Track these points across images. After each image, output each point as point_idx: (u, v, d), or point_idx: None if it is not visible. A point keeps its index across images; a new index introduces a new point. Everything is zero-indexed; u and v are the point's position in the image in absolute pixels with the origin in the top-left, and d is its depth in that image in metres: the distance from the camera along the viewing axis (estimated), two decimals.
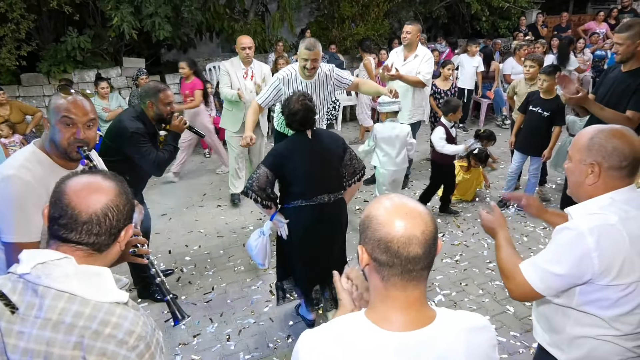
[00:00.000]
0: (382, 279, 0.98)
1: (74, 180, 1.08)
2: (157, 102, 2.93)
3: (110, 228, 1.06)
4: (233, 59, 4.62)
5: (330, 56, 8.02)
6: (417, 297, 0.98)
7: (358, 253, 1.03)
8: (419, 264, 0.95)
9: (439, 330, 0.96)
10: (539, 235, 4.08)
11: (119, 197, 1.08)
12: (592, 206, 1.44)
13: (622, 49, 2.91)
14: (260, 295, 3.34)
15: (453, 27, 10.92)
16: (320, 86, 3.61)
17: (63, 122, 1.69)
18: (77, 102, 1.72)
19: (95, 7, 6.81)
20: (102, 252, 1.08)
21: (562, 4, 12.02)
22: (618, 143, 1.42)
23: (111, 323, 0.99)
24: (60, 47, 6.50)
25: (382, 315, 0.98)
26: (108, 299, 1.02)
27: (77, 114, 1.70)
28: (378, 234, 0.95)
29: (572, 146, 1.53)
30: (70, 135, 1.69)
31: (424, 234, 0.94)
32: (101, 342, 0.98)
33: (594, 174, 1.44)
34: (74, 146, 1.71)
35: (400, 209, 0.97)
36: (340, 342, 0.96)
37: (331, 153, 2.73)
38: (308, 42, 3.38)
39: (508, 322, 2.98)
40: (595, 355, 1.49)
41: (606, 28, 9.15)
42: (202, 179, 5.63)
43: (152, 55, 8.10)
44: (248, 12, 8.27)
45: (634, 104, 2.92)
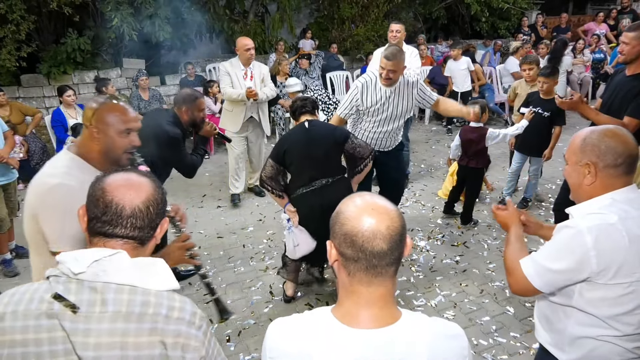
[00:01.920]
0: (349, 274, 0.99)
1: (112, 177, 1.11)
2: (194, 108, 3.07)
3: (152, 221, 1.11)
4: (232, 60, 4.62)
5: (330, 57, 8.03)
6: (382, 294, 0.99)
7: (327, 248, 1.04)
8: (384, 259, 0.96)
9: (401, 331, 0.97)
10: None
11: (157, 191, 1.13)
12: (593, 206, 1.45)
13: (628, 49, 2.86)
14: (260, 296, 3.34)
15: (453, 28, 10.94)
16: (400, 96, 3.43)
17: (123, 133, 1.68)
18: (130, 111, 1.73)
19: (95, 8, 6.81)
20: (144, 245, 1.13)
21: (562, 5, 12.03)
22: (610, 141, 1.44)
23: (176, 307, 1.05)
24: (60, 48, 6.51)
25: (346, 310, 0.99)
26: (165, 287, 1.07)
27: (134, 124, 1.72)
28: (344, 228, 0.97)
29: (567, 149, 1.55)
30: (128, 143, 1.70)
31: (389, 229, 0.95)
32: (174, 324, 1.03)
33: (591, 174, 1.46)
34: (127, 154, 1.73)
35: (368, 205, 0.99)
36: (305, 336, 0.99)
37: (327, 140, 2.94)
38: (389, 51, 3.21)
39: (508, 323, 2.98)
40: (596, 356, 1.49)
41: (606, 29, 9.16)
42: (202, 180, 5.62)
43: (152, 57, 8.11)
44: (248, 13, 8.28)
45: (631, 110, 2.87)
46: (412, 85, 3.44)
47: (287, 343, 1.00)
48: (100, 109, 1.65)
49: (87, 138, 1.68)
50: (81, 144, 1.71)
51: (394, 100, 3.41)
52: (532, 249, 3.74)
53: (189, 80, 7.01)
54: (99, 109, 1.65)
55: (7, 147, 3.80)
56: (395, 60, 3.18)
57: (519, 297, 3.22)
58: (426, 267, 3.64)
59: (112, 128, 1.65)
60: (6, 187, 3.85)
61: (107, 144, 1.66)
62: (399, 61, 3.20)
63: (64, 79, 6.70)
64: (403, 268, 3.65)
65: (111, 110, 1.66)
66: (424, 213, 4.60)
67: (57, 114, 5.41)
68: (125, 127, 1.67)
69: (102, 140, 1.66)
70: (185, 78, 7.11)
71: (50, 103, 6.77)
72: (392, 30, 4.81)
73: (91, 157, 1.68)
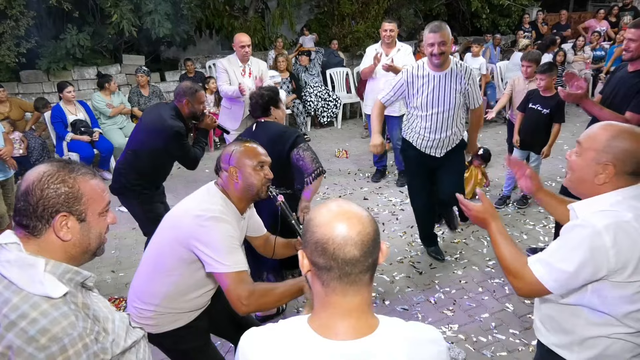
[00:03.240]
0: (322, 284, 0.96)
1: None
2: (194, 101, 3.07)
3: (34, 210, 1.08)
4: (230, 57, 4.59)
5: (330, 54, 8.02)
6: (357, 304, 0.96)
7: (299, 258, 1.01)
8: (357, 267, 0.93)
9: (378, 340, 0.94)
10: (539, 233, 4.09)
11: (39, 181, 1.09)
12: (602, 203, 1.40)
13: (635, 45, 2.82)
14: None
15: (453, 24, 10.89)
16: (450, 84, 3.08)
17: (258, 167, 1.83)
18: (261, 148, 1.89)
19: (95, 4, 6.79)
20: (36, 236, 1.10)
21: (563, 2, 11.99)
22: (634, 146, 1.37)
23: (29, 317, 0.99)
24: (59, 44, 6.49)
25: (322, 322, 0.96)
26: (38, 292, 1.03)
27: (264, 158, 1.88)
28: (315, 236, 0.94)
29: (586, 140, 1.45)
30: (264, 176, 1.84)
31: (360, 234, 0.93)
32: (12, 334, 0.98)
33: (607, 175, 1.40)
34: (265, 186, 1.87)
35: (338, 211, 0.96)
36: (280, 347, 0.96)
37: (269, 150, 2.46)
38: (433, 24, 2.97)
39: (507, 320, 2.99)
40: (608, 354, 1.46)
41: (606, 26, 9.13)
42: (201, 176, 5.62)
43: (152, 53, 8.08)
44: (248, 10, 8.26)
45: (634, 105, 2.85)
46: (464, 72, 3.06)
47: (262, 352, 0.97)
48: (234, 151, 1.84)
49: (227, 181, 1.85)
50: (224, 184, 1.87)
51: (443, 87, 3.06)
52: (531, 245, 3.78)
53: (189, 77, 6.99)
54: (235, 150, 1.84)
55: (10, 145, 3.85)
56: (442, 31, 2.88)
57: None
58: (426, 264, 3.64)
59: (249, 164, 1.82)
60: (4, 184, 3.85)
61: (248, 178, 1.82)
62: (445, 33, 2.89)
63: (64, 75, 6.69)
64: (402, 265, 3.66)
65: (242, 149, 1.85)
66: None
67: (56, 110, 5.40)
68: (258, 161, 1.84)
69: (244, 177, 1.82)
70: (185, 74, 7.10)
71: (50, 99, 6.74)
72: (385, 29, 4.77)
73: (238, 194, 1.85)
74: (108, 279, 3.57)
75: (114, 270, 3.68)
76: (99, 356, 1.08)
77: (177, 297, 1.80)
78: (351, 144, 6.70)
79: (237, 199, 1.83)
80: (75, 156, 5.30)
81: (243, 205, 1.87)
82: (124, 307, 3.23)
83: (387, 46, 4.81)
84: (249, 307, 1.64)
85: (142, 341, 1.30)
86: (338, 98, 7.39)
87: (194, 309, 1.89)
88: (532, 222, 4.26)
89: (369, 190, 5.09)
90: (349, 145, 6.64)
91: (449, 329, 2.93)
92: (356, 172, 5.65)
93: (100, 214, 1.18)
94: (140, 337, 1.28)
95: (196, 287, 1.83)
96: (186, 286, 1.80)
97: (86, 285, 1.17)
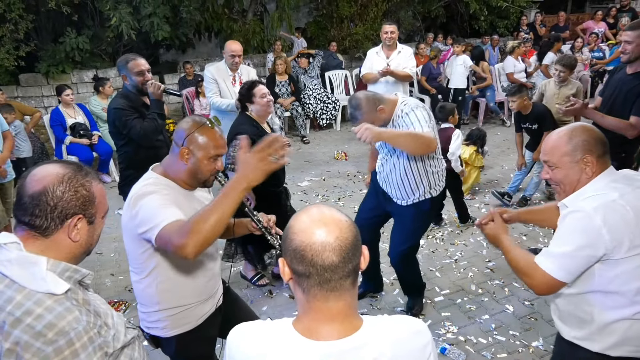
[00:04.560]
0: (303, 291, 0.96)
1: (32, 168, 1.17)
2: (128, 72, 2.92)
3: (49, 211, 1.09)
4: (218, 64, 4.30)
5: (329, 56, 8.03)
6: (340, 309, 0.95)
7: (279, 266, 1.01)
8: (337, 273, 0.92)
9: (363, 337, 0.95)
10: (538, 234, 4.09)
11: (61, 183, 1.11)
12: (587, 190, 1.52)
13: (632, 47, 2.83)
14: (259, 295, 3.34)
15: (452, 26, 10.93)
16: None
17: (212, 159, 1.72)
18: (221, 137, 1.76)
19: (94, 7, 6.80)
20: (46, 236, 1.11)
21: (561, 3, 12.03)
22: (594, 133, 1.56)
23: (34, 313, 1.01)
24: (58, 47, 6.50)
25: (305, 326, 0.97)
26: (42, 289, 1.05)
27: (221, 150, 1.75)
28: (293, 244, 0.93)
29: (552, 154, 1.58)
30: (214, 168, 1.74)
31: (339, 239, 0.92)
32: (19, 330, 1.00)
33: (590, 166, 1.53)
34: (213, 176, 1.77)
35: (315, 218, 0.95)
36: (265, 346, 0.97)
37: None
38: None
39: (507, 321, 2.99)
40: (629, 337, 1.52)
41: (604, 27, 9.16)
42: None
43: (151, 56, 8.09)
44: (247, 12, 8.27)
45: (637, 109, 2.85)
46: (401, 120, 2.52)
47: (246, 347, 0.99)
48: (196, 133, 1.68)
49: (175, 159, 1.71)
50: (167, 165, 1.75)
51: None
52: (531, 247, 3.78)
53: (188, 80, 7.00)
54: (194, 133, 1.68)
55: (6, 151, 3.76)
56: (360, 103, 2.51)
57: (518, 296, 3.22)
58: (425, 266, 3.64)
59: (203, 152, 1.68)
60: (1, 187, 3.84)
61: (197, 166, 1.69)
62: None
63: (63, 78, 6.69)
64: None
65: (206, 137, 1.69)
66: None
67: (55, 114, 5.40)
68: (213, 153, 1.70)
69: (194, 162, 1.69)
70: (184, 77, 7.11)
71: (49, 102, 6.76)
72: (385, 31, 4.76)
73: (181, 176, 1.72)
74: (107, 282, 3.57)
75: (113, 274, 3.67)
76: (102, 349, 1.11)
77: (170, 292, 1.76)
78: (350, 146, 6.71)
79: (181, 180, 1.73)
80: (74, 159, 5.30)
81: (188, 186, 1.76)
82: (123, 311, 3.23)
83: (388, 48, 4.81)
84: (192, 246, 1.39)
85: (137, 340, 1.32)
86: (337, 100, 7.40)
87: (197, 299, 1.83)
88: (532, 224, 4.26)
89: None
90: (348, 147, 6.64)
91: (448, 330, 2.92)
92: (355, 174, 5.65)
93: (102, 217, 1.24)
94: (135, 334, 1.31)
95: (181, 275, 1.76)
96: (168, 279, 1.74)
97: (84, 284, 1.19)
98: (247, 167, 1.40)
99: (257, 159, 1.39)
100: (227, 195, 1.40)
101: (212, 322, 1.93)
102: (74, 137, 5.39)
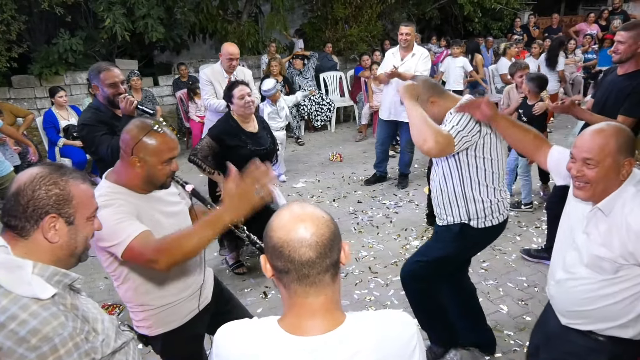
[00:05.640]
0: (285, 287, 0.98)
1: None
2: (100, 83, 2.73)
3: (21, 211, 1.09)
4: (214, 66, 4.33)
5: (324, 57, 8.04)
6: (321, 303, 0.97)
7: (261, 263, 1.02)
8: (314, 268, 0.94)
9: (346, 330, 0.97)
10: (532, 234, 4.10)
11: (32, 182, 1.11)
12: (629, 189, 1.55)
13: (624, 47, 2.85)
14: (254, 298, 3.33)
15: (446, 28, 10.98)
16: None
17: (166, 163, 1.66)
18: (172, 140, 1.68)
19: (88, 8, 6.78)
20: (24, 237, 1.11)
21: (554, 5, 12.12)
22: (632, 135, 1.58)
23: (19, 319, 1.00)
24: (52, 48, 6.46)
25: (289, 322, 0.99)
26: (27, 293, 1.03)
27: (175, 152, 1.69)
28: (272, 241, 0.96)
29: (597, 152, 1.53)
30: (169, 171, 1.69)
31: (315, 235, 0.94)
32: (2, 336, 0.99)
33: (627, 169, 1.55)
34: (170, 178, 1.73)
35: (293, 214, 0.97)
36: (251, 343, 0.98)
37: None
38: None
39: (502, 321, 2.99)
40: None
41: (597, 29, 9.23)
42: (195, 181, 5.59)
43: (145, 57, 8.07)
44: (241, 14, 8.26)
45: (625, 109, 2.88)
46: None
47: (233, 345, 1.00)
48: (144, 139, 1.61)
49: (126, 167, 1.65)
50: (119, 172, 1.69)
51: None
52: (525, 247, 3.79)
53: (182, 81, 6.98)
54: (141, 140, 1.60)
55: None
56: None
57: (513, 296, 3.23)
58: None
59: (156, 158, 1.63)
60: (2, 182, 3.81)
61: (152, 172, 1.65)
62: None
63: (56, 80, 6.65)
64: (397, 268, 3.65)
65: (155, 142, 1.62)
66: (417, 213, 4.61)
67: (48, 116, 5.37)
68: (167, 157, 1.65)
69: (147, 170, 1.64)
70: (179, 79, 7.09)
71: (42, 104, 6.72)
72: (401, 32, 4.72)
73: (138, 184, 1.68)
74: (101, 285, 3.54)
75: (107, 277, 3.65)
76: (89, 355, 1.09)
77: (149, 293, 1.75)
78: (345, 147, 6.71)
79: (136, 187, 1.68)
80: (67, 161, 5.26)
81: (145, 191, 1.72)
82: (117, 314, 3.21)
83: (404, 50, 4.78)
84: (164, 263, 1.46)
85: (131, 343, 1.31)
86: (332, 102, 7.40)
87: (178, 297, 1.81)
88: (525, 224, 4.28)
89: (363, 194, 5.10)
90: (343, 148, 6.64)
91: None
92: (350, 176, 5.66)
93: (88, 219, 1.20)
94: (130, 338, 1.30)
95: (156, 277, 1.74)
96: (144, 282, 1.73)
97: (74, 288, 1.18)
98: (232, 203, 1.44)
99: (241, 196, 1.42)
100: (210, 225, 1.45)
101: (199, 320, 1.92)
102: (67, 139, 5.36)
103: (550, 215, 3.55)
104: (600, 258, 1.57)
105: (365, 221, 4.47)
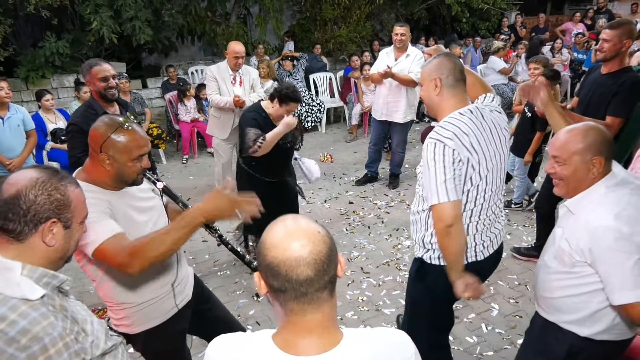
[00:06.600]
0: (280, 305, 0.95)
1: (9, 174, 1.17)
2: (92, 80, 2.74)
3: (22, 215, 1.08)
4: (220, 64, 4.45)
5: (313, 58, 8.04)
6: (318, 321, 0.94)
7: (255, 280, 0.99)
8: (313, 286, 0.91)
9: (342, 352, 0.94)
10: (522, 232, 4.14)
11: (34, 186, 1.10)
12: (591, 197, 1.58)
13: (609, 46, 2.87)
14: (246, 299, 3.32)
15: (434, 28, 11.04)
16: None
17: (136, 160, 1.63)
18: (142, 137, 1.65)
19: (74, 11, 6.70)
20: (20, 240, 1.10)
21: (540, 5, 12.25)
22: (606, 135, 1.59)
23: (8, 319, 1.00)
24: (38, 52, 6.38)
25: (284, 339, 0.96)
26: (16, 295, 1.04)
27: (145, 149, 1.66)
28: (267, 259, 0.92)
29: (563, 150, 1.61)
30: (140, 168, 1.66)
31: (312, 253, 0.90)
32: None
33: (598, 167, 1.57)
34: (141, 175, 1.70)
35: (287, 231, 0.92)
36: (244, 356, 0.97)
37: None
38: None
39: (493, 320, 3.02)
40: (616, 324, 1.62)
41: (583, 28, 9.34)
42: (185, 183, 5.58)
43: (133, 59, 8.01)
44: (230, 15, 8.24)
45: (612, 109, 2.89)
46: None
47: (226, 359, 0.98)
48: (112, 136, 1.58)
49: (96, 164, 1.63)
50: (89, 170, 1.66)
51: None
52: (515, 245, 3.82)
53: (171, 84, 6.94)
54: (109, 137, 1.58)
55: (26, 152, 4.00)
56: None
57: (503, 294, 3.26)
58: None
59: (126, 156, 1.60)
60: None
61: (121, 170, 1.62)
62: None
63: (43, 83, 6.57)
64: (389, 268, 3.67)
65: (124, 140, 1.59)
66: (409, 213, 4.60)
67: (36, 119, 5.29)
68: (136, 154, 1.62)
69: (117, 168, 1.61)
70: (167, 81, 7.04)
71: (29, 108, 6.61)
72: (396, 33, 4.69)
73: (103, 181, 1.65)
74: (91, 289, 3.51)
75: None
76: (79, 355, 1.10)
77: (127, 292, 1.74)
78: (336, 148, 6.72)
79: (106, 184, 1.65)
80: (55, 165, 5.21)
81: (115, 188, 1.68)
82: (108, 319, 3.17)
83: (398, 50, 4.77)
84: (137, 266, 1.46)
85: (120, 347, 1.31)
86: (322, 103, 7.41)
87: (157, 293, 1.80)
88: (515, 223, 4.32)
89: (354, 194, 5.11)
90: (334, 149, 6.65)
91: None
92: (341, 176, 5.66)
93: (80, 223, 1.21)
94: (119, 342, 1.30)
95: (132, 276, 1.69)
96: (122, 282, 1.72)
97: (62, 290, 1.18)
98: (212, 204, 1.47)
99: (225, 204, 1.46)
100: (183, 227, 1.47)
101: (181, 317, 1.93)
102: (54, 142, 5.30)
103: (539, 214, 3.58)
104: (562, 250, 1.65)
105: (357, 222, 4.48)
